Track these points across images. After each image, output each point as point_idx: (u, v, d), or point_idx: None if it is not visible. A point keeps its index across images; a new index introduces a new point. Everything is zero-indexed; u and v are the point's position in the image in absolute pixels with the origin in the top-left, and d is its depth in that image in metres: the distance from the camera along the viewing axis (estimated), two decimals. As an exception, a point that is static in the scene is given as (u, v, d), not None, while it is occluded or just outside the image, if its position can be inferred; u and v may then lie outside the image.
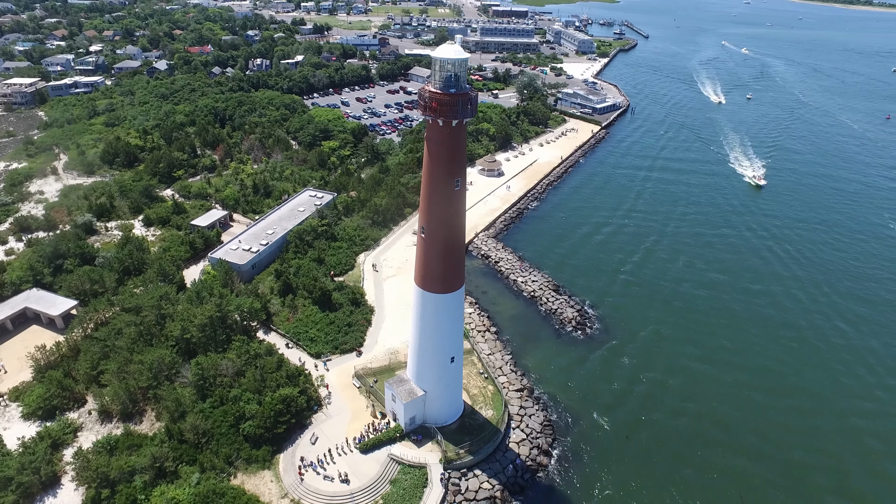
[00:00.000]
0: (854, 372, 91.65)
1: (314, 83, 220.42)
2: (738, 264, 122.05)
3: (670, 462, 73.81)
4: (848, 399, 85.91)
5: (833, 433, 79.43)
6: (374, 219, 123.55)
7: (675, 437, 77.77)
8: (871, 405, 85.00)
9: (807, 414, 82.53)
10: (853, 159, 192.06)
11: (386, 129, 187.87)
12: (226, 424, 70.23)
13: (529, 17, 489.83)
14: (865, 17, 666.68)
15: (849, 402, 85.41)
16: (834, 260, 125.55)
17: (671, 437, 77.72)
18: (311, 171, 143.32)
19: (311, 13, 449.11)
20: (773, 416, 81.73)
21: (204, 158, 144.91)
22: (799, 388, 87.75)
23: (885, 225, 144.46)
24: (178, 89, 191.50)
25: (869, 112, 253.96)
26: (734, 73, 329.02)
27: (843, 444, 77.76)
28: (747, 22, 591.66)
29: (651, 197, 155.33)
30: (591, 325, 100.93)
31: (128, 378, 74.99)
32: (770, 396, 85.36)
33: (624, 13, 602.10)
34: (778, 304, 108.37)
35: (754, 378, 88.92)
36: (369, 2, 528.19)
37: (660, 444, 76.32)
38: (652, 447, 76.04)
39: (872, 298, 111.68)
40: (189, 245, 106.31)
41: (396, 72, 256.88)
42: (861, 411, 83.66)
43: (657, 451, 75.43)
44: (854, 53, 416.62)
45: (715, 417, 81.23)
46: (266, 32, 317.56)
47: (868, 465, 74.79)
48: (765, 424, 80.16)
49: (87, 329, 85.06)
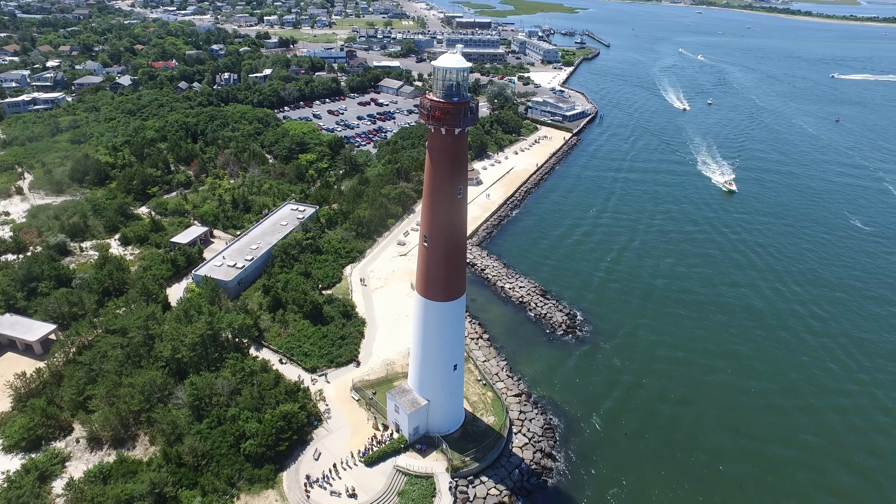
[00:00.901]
0: (827, 355, 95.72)
1: (285, 96, 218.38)
2: (713, 263, 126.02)
3: (669, 456, 75.43)
4: (814, 379, 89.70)
5: (808, 417, 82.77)
6: (357, 231, 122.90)
7: (671, 431, 79.56)
8: (840, 391, 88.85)
9: (778, 396, 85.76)
10: (811, 160, 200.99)
11: (361, 141, 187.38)
12: (225, 445, 68.45)
13: (493, 28, 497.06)
14: (806, 28, 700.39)
15: (815, 381, 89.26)
16: (803, 257, 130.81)
17: (667, 432, 79.43)
18: (290, 184, 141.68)
19: (274, 27, 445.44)
20: (750, 403, 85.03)
21: (178, 174, 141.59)
22: (778, 375, 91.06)
23: (845, 221, 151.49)
24: (145, 105, 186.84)
25: (820, 115, 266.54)
26: (694, 80, 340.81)
27: (817, 426, 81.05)
28: (701, 31, 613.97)
29: (624, 201, 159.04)
30: (581, 328, 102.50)
31: (118, 402, 72.40)
32: (749, 386, 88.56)
33: (584, 23, 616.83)
34: (758, 298, 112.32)
35: (735, 369, 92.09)
36: (332, 15, 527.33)
37: (656, 439, 77.90)
38: (650, 442, 77.62)
39: (840, 291, 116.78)
40: (171, 263, 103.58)
41: (366, 84, 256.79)
42: (827, 389, 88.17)
43: (655, 446, 76.98)
44: (800, 60, 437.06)
45: (704, 410, 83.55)
46: (231, 46, 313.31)
47: (841, 452, 77.99)
48: (748, 414, 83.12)
49: (69, 353, 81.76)
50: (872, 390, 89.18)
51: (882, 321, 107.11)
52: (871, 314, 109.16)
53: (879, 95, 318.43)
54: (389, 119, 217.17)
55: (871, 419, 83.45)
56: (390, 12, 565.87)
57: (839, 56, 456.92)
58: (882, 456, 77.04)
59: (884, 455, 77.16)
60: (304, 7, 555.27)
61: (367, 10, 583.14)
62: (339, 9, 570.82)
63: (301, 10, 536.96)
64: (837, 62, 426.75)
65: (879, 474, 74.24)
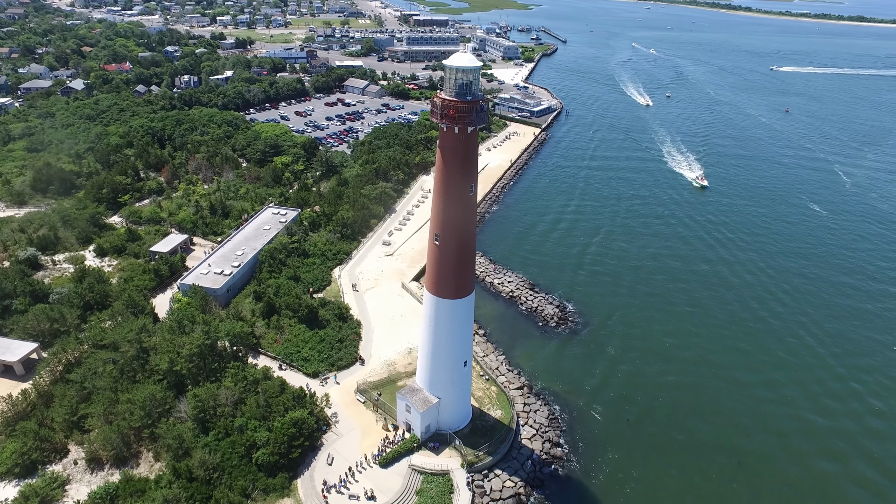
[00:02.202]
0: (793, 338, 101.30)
1: (250, 98, 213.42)
2: (689, 252, 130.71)
3: (670, 437, 78.30)
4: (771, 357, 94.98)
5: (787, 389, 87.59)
6: (342, 232, 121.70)
7: (668, 413, 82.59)
8: (805, 367, 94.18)
9: (769, 370, 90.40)
10: (768, 150, 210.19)
11: (333, 142, 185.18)
12: (236, 456, 67.02)
13: (450, 25, 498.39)
14: (746, 22, 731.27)
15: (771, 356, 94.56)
16: (771, 243, 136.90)
17: (665, 414, 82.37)
18: (267, 188, 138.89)
19: (228, 27, 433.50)
20: (739, 382, 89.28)
21: (149, 181, 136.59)
22: (765, 355, 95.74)
23: (805, 206, 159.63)
24: (104, 110, 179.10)
25: (770, 106, 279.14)
26: (651, 74, 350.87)
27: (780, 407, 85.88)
28: (651, 26, 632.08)
29: (602, 198, 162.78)
30: (572, 319, 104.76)
31: (117, 420, 69.80)
32: (739, 368, 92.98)
33: (538, 19, 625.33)
34: (729, 285, 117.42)
35: (723, 352, 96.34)
36: (287, 15, 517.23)
37: (657, 423, 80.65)
38: (651, 426, 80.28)
39: (805, 273, 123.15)
40: (153, 273, 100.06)
41: (331, 84, 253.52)
42: (786, 365, 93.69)
43: (656, 429, 79.70)
44: (745, 53, 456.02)
45: (699, 392, 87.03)
46: (186, 48, 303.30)
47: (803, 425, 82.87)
48: (736, 393, 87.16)
49: (56, 372, 78.14)
50: (835, 356, 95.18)
51: (844, 295, 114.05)
52: (837, 289, 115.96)
53: (820, 86, 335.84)
54: (359, 119, 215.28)
55: (836, 384, 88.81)
56: (346, 11, 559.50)
57: (778, 49, 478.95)
58: (858, 418, 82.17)
59: (859, 417, 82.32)
60: (257, 7, 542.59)
61: (322, 9, 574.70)
62: (293, 8, 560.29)
63: (255, 9, 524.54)
64: (777, 55, 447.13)
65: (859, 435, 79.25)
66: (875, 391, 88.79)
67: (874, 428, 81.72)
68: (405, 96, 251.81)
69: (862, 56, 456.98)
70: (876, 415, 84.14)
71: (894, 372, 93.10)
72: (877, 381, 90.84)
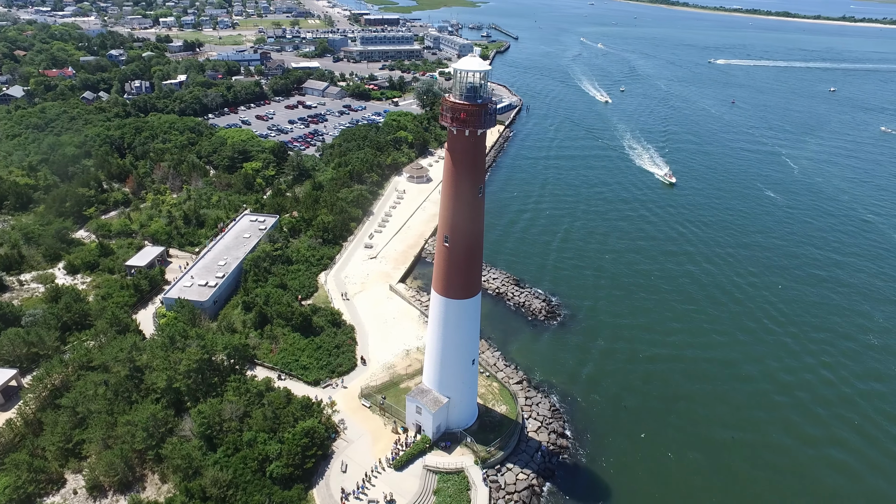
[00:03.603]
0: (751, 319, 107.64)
1: (207, 103, 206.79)
2: (659, 244, 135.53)
3: (664, 419, 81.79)
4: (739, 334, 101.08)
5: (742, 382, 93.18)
6: (324, 237, 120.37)
7: (660, 396, 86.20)
8: (768, 346, 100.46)
9: (744, 363, 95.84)
10: (722, 140, 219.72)
11: (299, 145, 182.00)
12: (249, 471, 65.67)
13: (402, 24, 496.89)
14: (685, 17, 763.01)
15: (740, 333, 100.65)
16: (742, 234, 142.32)
17: (657, 398, 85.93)
18: (239, 195, 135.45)
19: (173, 29, 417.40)
20: (720, 361, 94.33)
21: (114, 192, 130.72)
22: (744, 340, 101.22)
23: (760, 193, 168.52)
24: (53, 118, 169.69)
25: (718, 98, 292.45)
26: (604, 69, 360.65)
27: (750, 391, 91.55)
28: (596, 22, 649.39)
29: (567, 190, 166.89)
30: (559, 312, 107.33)
31: (117, 444, 67.07)
32: (712, 349, 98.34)
33: (488, 17, 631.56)
34: (718, 275, 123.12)
35: (698, 335, 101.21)
36: (234, 15, 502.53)
37: (652, 408, 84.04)
38: (645, 409, 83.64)
39: (762, 260, 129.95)
40: (134, 288, 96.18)
41: (290, 86, 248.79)
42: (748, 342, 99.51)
43: (650, 412, 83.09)
44: (688, 47, 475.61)
45: (683, 374, 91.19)
46: (132, 51, 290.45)
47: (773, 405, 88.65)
48: (719, 372, 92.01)
49: (42, 398, 74.26)
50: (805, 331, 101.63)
51: (799, 274, 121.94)
52: (793, 269, 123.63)
53: (759, 78, 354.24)
54: (322, 121, 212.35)
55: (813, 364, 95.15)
56: (294, 11, 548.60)
57: (718, 43, 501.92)
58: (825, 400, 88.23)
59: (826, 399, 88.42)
60: (201, 7, 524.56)
61: (269, 9, 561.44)
62: (238, 9, 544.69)
63: (199, 10, 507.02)
64: (717, 49, 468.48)
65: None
66: (837, 361, 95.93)
67: (844, 393, 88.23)
68: (366, 97, 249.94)
69: (793, 49, 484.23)
70: (836, 383, 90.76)
71: (847, 342, 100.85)
72: (838, 351, 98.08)
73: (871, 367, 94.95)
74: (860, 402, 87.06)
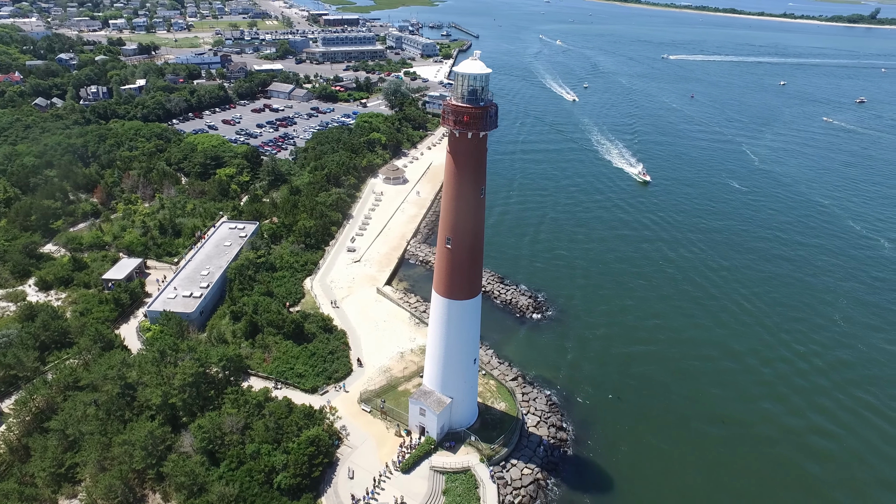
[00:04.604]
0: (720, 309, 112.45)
1: (171, 108, 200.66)
2: (635, 236, 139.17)
3: (656, 405, 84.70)
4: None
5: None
6: (306, 242, 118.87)
7: (648, 386, 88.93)
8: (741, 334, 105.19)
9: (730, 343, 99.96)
10: (687, 135, 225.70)
11: (271, 150, 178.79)
12: (255, 484, 64.60)
13: (362, 24, 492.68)
14: (638, 14, 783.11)
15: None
16: (716, 231, 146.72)
17: (646, 387, 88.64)
18: (215, 202, 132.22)
19: (124, 31, 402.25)
20: (693, 344, 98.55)
21: (82, 204, 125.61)
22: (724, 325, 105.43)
23: (726, 184, 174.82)
24: (6, 126, 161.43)
25: (677, 92, 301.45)
26: (566, 65, 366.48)
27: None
28: (553, 19, 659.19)
29: (542, 190, 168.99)
30: (546, 307, 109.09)
31: (114, 465, 64.83)
32: (684, 331, 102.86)
33: (447, 15, 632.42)
34: (679, 267, 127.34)
35: (684, 326, 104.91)
36: (188, 17, 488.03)
37: (639, 395, 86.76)
38: (635, 398, 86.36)
39: (735, 249, 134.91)
40: (114, 302, 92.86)
41: (255, 89, 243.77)
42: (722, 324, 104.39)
43: (641, 400, 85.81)
44: (645, 43, 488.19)
45: (671, 363, 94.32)
46: (83, 55, 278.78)
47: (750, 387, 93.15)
48: (695, 358, 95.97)
49: (26, 423, 71.06)
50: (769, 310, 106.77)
51: (763, 255, 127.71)
52: (755, 253, 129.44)
53: (713, 73, 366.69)
54: (291, 125, 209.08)
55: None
56: (251, 12, 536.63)
57: (670, 39, 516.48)
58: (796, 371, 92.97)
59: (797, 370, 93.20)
60: (152, 9, 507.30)
61: (224, 10, 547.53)
62: (192, 10, 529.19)
63: (150, 12, 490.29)
64: (670, 45, 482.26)
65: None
66: (804, 335, 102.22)
67: (803, 369, 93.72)
68: (333, 99, 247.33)
69: (742, 45, 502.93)
70: (808, 355, 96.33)
71: (813, 318, 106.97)
72: (803, 334, 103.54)
73: (837, 340, 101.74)
74: (829, 374, 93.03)
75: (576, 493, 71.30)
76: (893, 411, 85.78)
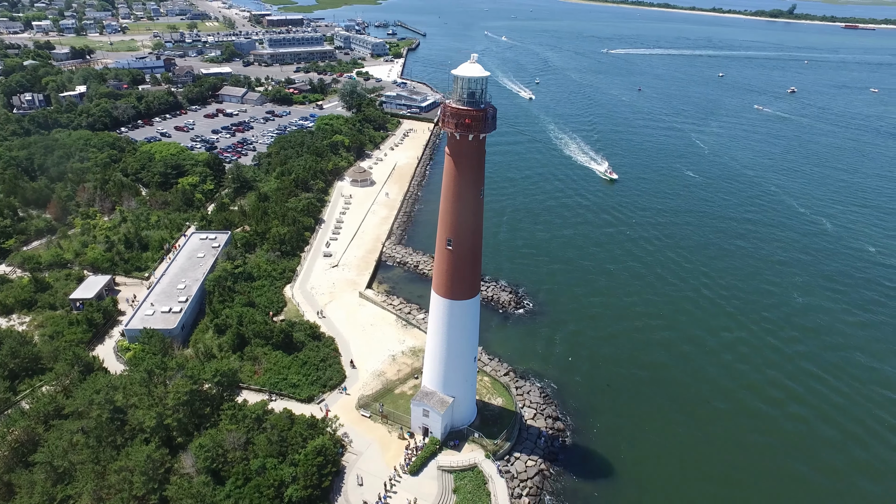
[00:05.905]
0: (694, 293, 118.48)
1: (118, 116, 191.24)
2: (600, 229, 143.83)
3: (644, 391, 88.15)
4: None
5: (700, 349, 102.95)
6: (281, 249, 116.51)
7: (640, 372, 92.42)
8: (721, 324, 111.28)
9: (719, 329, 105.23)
10: (639, 127, 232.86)
11: (230, 156, 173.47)
12: (266, 499, 63.22)
13: (307, 24, 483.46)
14: (578, 9, 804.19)
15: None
16: (683, 225, 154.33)
17: (633, 371, 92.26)
18: (180, 212, 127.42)
19: (49, 34, 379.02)
20: (674, 328, 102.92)
21: (34, 220, 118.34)
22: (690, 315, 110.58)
23: (683, 174, 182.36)
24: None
25: (625, 86, 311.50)
26: (515, 62, 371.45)
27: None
28: (497, 16, 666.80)
29: (516, 190, 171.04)
30: (527, 302, 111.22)
31: (112, 494, 61.99)
32: (660, 318, 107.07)
33: (391, 14, 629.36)
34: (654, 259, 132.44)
35: (664, 315, 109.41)
36: (121, 19, 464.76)
37: (632, 382, 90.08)
38: (624, 384, 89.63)
39: (695, 239, 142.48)
40: (87, 323, 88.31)
41: (205, 94, 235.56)
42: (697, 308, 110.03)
43: (630, 386, 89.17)
44: (588, 38, 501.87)
45: (656, 349, 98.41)
46: (9, 60, 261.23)
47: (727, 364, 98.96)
48: (676, 342, 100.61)
49: (6, 458, 66.80)
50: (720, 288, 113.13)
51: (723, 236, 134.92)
52: (716, 234, 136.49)
53: (656, 65, 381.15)
54: (248, 129, 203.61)
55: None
56: (189, 13, 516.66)
57: (611, 34, 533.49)
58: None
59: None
60: (80, 10, 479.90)
61: (160, 12, 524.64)
62: (125, 12, 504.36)
63: (78, 13, 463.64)
64: (611, 39, 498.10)
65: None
66: (767, 317, 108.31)
67: (781, 350, 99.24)
68: (288, 102, 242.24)
69: (679, 38, 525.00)
70: (773, 332, 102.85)
71: (770, 298, 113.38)
72: (767, 315, 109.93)
73: (796, 310, 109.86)
74: (784, 349, 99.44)
75: (579, 479, 73.42)
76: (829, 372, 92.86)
